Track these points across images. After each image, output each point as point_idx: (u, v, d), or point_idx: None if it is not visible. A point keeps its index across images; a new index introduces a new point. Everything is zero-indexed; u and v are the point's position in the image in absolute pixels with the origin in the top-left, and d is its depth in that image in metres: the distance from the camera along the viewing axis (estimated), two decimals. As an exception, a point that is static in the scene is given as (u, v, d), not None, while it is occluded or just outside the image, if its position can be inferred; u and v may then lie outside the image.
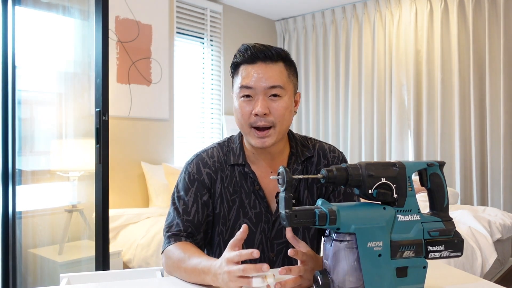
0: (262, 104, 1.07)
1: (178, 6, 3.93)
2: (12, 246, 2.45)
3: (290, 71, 1.13)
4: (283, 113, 1.09)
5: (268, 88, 1.08)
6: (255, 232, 1.15)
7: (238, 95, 1.11)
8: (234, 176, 1.17)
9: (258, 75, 1.08)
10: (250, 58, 1.10)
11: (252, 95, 1.09)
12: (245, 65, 1.11)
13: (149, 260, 2.67)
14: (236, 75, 1.14)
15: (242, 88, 1.10)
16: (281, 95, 1.09)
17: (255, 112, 1.07)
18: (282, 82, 1.09)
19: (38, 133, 2.66)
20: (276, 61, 1.10)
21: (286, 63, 1.12)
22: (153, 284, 1.06)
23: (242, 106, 1.10)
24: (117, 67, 3.36)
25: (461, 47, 3.80)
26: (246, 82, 1.09)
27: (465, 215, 2.87)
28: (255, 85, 1.08)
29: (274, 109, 1.08)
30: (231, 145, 1.21)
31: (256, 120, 1.08)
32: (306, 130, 4.80)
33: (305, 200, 1.18)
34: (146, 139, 3.59)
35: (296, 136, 1.24)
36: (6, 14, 2.44)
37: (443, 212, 0.89)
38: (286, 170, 0.78)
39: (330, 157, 1.21)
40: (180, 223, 1.14)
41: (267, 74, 1.08)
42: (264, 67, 1.09)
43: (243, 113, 1.10)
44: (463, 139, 3.78)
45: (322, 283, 0.81)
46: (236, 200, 1.16)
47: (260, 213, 1.15)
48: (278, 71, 1.09)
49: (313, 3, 4.53)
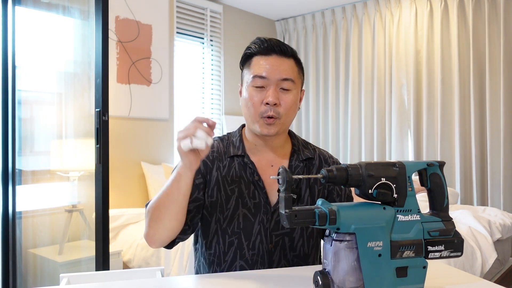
0: (273, 94, 1.11)
1: (178, 6, 3.93)
2: (12, 246, 2.45)
3: (299, 68, 1.19)
4: (290, 106, 1.14)
5: (281, 80, 1.12)
6: (254, 222, 1.15)
7: (249, 84, 1.15)
8: (233, 167, 1.19)
9: (272, 66, 1.12)
10: (265, 50, 1.14)
11: (265, 86, 1.13)
12: (259, 56, 1.15)
13: (149, 260, 2.68)
14: (248, 66, 1.17)
15: (255, 77, 1.13)
16: (291, 89, 1.14)
17: (267, 101, 1.11)
18: (293, 76, 1.14)
19: (38, 133, 2.66)
20: (289, 56, 1.15)
21: (296, 60, 1.18)
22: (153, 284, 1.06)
23: (253, 95, 1.13)
24: (117, 67, 3.36)
25: (461, 47, 3.80)
26: (260, 71, 1.13)
27: (465, 215, 2.87)
28: (269, 76, 1.12)
29: (284, 101, 1.13)
30: (231, 138, 1.25)
31: (266, 109, 1.12)
32: (306, 130, 4.80)
33: (306, 199, 1.20)
34: (146, 139, 3.59)
35: (298, 137, 1.29)
36: (6, 14, 2.44)
37: (443, 212, 0.89)
38: (286, 170, 0.78)
39: (330, 163, 1.26)
40: None
41: (281, 67, 1.13)
42: (278, 59, 1.13)
43: (253, 101, 1.13)
44: (463, 139, 3.78)
45: (322, 283, 0.81)
46: (235, 190, 1.17)
47: (259, 203, 1.16)
48: (291, 66, 1.15)
49: (313, 3, 4.53)
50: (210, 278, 1.07)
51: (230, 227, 1.15)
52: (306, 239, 1.19)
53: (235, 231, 1.15)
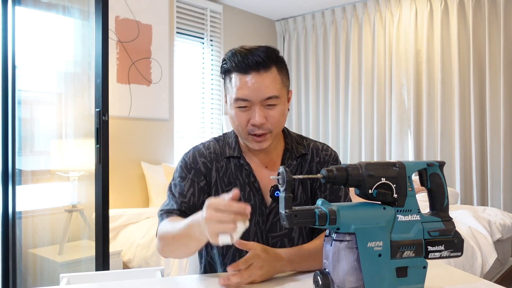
0: (259, 114, 1.08)
1: (178, 6, 3.93)
2: (12, 246, 2.45)
3: (282, 74, 1.12)
4: (279, 119, 1.11)
5: (264, 99, 1.08)
6: (249, 224, 1.15)
7: (233, 105, 1.11)
8: (230, 168, 1.19)
9: (253, 86, 1.06)
10: (242, 68, 1.07)
11: (249, 106, 1.09)
12: (238, 74, 1.08)
13: (149, 260, 2.67)
14: (229, 81, 1.12)
15: (237, 100, 1.09)
16: (277, 104, 1.10)
17: (253, 123, 1.09)
18: (277, 91, 1.09)
19: (38, 133, 2.66)
20: (269, 67, 1.08)
21: (278, 66, 1.11)
22: (153, 284, 1.06)
23: (238, 115, 1.11)
24: (117, 67, 3.36)
25: (461, 47, 3.80)
26: (241, 94, 1.08)
27: (465, 215, 2.87)
28: (251, 98, 1.07)
29: (271, 117, 1.10)
30: (227, 139, 1.24)
31: (253, 129, 1.10)
32: (306, 130, 4.79)
33: (300, 195, 1.19)
34: (146, 139, 3.59)
35: (292, 134, 1.27)
36: (6, 14, 2.44)
37: (443, 212, 0.89)
38: (286, 170, 0.79)
39: (322, 155, 1.23)
40: (175, 204, 1.14)
41: (263, 85, 1.07)
42: (258, 77, 1.07)
43: (240, 121, 1.11)
44: (463, 139, 3.78)
45: (322, 283, 0.81)
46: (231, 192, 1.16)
47: (254, 205, 1.15)
48: (272, 79, 1.08)
49: (313, 3, 4.53)
50: (210, 278, 1.07)
51: None
52: (307, 238, 1.19)
53: None
